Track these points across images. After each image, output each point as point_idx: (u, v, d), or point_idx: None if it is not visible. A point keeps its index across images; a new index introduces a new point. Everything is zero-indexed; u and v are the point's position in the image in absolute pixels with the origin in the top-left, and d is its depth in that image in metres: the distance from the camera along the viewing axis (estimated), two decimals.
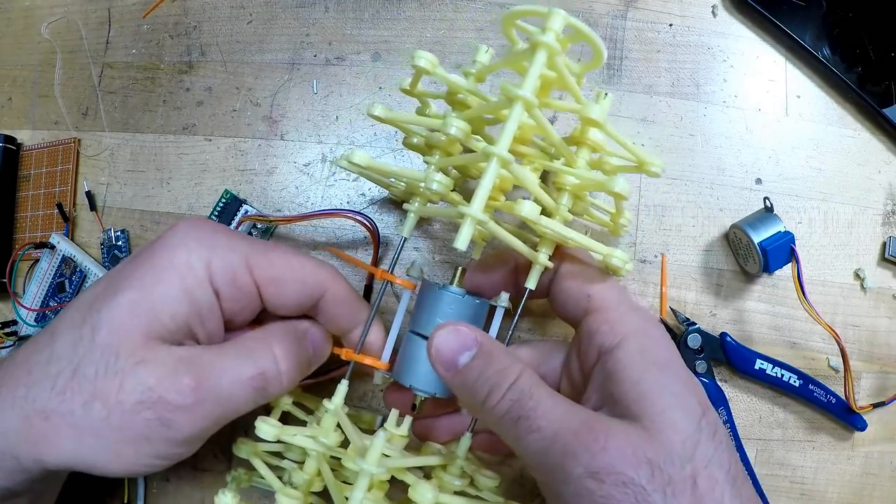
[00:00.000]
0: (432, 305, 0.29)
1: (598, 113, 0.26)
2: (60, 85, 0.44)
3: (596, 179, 0.27)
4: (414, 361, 0.29)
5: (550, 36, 0.23)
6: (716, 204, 0.39)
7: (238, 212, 0.39)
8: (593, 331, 0.26)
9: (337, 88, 0.41)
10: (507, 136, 0.22)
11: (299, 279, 0.29)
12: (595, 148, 0.30)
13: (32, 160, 0.43)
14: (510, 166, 0.23)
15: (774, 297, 0.39)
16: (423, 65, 0.27)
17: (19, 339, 0.40)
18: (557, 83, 0.27)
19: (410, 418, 0.30)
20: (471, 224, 0.22)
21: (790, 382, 0.37)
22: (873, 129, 0.41)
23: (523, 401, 0.23)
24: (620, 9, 0.41)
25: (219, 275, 0.27)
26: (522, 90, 0.22)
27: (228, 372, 0.26)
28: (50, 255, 0.41)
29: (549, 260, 0.28)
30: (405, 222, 0.31)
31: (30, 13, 0.46)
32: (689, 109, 0.40)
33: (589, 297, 0.27)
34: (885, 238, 0.40)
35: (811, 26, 0.41)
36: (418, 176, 0.28)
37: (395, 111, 0.30)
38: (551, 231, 0.26)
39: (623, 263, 0.27)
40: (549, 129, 0.26)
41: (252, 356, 0.27)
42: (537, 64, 0.23)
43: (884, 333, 0.40)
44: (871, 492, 0.39)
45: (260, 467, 0.30)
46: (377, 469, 0.25)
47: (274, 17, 0.42)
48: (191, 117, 0.42)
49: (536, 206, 0.25)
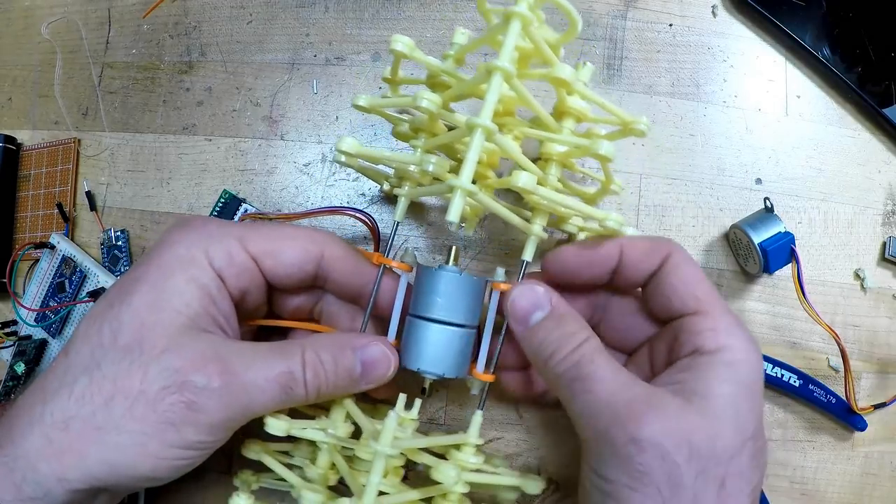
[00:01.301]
0: (431, 287, 0.29)
1: (567, 73, 0.26)
2: (60, 85, 0.44)
3: (580, 144, 0.27)
4: (419, 345, 0.29)
5: (523, 6, 0.23)
6: (716, 204, 0.39)
7: (237, 211, 0.39)
8: (697, 330, 0.26)
9: (337, 88, 0.41)
10: (489, 106, 0.23)
11: (294, 245, 0.29)
12: (579, 116, 0.30)
13: (32, 160, 0.43)
14: (494, 136, 0.23)
15: (774, 297, 0.39)
16: (400, 48, 0.27)
17: (19, 338, 0.40)
18: (535, 54, 0.27)
19: (420, 401, 0.30)
20: (461, 196, 0.23)
21: (790, 382, 0.37)
22: (873, 129, 0.41)
23: (583, 364, 0.25)
24: (620, 9, 0.41)
25: (217, 258, 0.27)
26: (500, 60, 0.23)
27: (256, 364, 0.26)
28: (50, 255, 0.41)
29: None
30: (397, 207, 0.31)
31: (30, 13, 0.46)
32: (689, 109, 0.40)
33: (697, 297, 0.27)
34: (885, 238, 0.40)
35: (811, 26, 0.41)
36: (412, 159, 0.28)
37: (378, 99, 0.30)
38: (546, 200, 0.27)
39: (619, 226, 0.28)
40: (529, 99, 0.26)
41: (283, 354, 0.27)
42: (512, 34, 0.23)
43: (884, 333, 0.40)
44: (871, 492, 0.39)
45: (274, 466, 0.30)
46: (391, 450, 0.25)
47: (274, 17, 0.42)
48: (191, 117, 0.42)
49: (532, 175, 0.25)
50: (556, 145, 0.29)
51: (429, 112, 0.26)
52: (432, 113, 0.26)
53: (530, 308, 0.27)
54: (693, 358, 0.26)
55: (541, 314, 0.27)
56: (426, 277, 0.30)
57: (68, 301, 0.39)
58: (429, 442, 0.28)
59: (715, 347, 0.25)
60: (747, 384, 0.25)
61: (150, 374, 0.24)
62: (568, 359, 0.25)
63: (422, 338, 0.29)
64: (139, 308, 0.26)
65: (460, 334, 0.29)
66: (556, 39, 0.29)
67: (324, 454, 0.29)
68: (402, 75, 0.33)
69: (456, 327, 0.29)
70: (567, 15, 0.26)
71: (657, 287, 0.28)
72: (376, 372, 0.29)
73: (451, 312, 0.29)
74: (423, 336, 0.29)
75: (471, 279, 0.29)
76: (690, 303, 0.27)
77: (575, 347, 0.25)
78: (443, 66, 0.29)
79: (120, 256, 0.40)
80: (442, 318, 0.29)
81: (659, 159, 0.40)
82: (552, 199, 0.27)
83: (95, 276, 0.39)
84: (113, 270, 0.40)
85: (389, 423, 0.25)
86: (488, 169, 0.31)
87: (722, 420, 0.23)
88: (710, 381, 0.24)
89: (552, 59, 0.27)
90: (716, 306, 0.27)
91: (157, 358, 0.24)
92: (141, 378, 0.24)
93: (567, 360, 0.25)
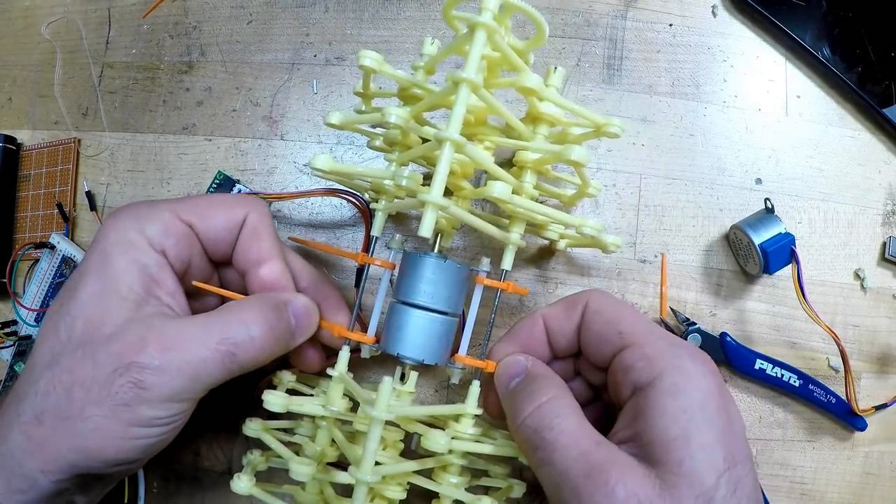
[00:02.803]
0: (415, 273, 0.29)
1: (534, 81, 0.27)
2: (60, 85, 0.44)
3: (552, 150, 0.27)
4: (400, 330, 0.29)
5: (487, 16, 0.23)
6: (716, 204, 0.39)
7: (231, 191, 0.40)
8: (628, 366, 0.25)
9: (337, 88, 0.41)
10: (457, 119, 0.23)
11: (221, 207, 0.30)
12: (552, 122, 0.30)
13: (32, 160, 0.43)
14: (464, 148, 0.23)
15: (774, 297, 0.39)
16: (368, 63, 0.28)
17: (19, 338, 0.40)
18: (504, 62, 0.27)
19: (416, 374, 0.30)
20: (433, 210, 0.23)
21: (790, 382, 0.37)
22: (873, 129, 0.41)
23: (542, 431, 0.24)
24: (620, 9, 0.41)
25: (153, 233, 0.28)
26: (465, 72, 0.23)
27: (195, 335, 0.27)
28: (50, 255, 0.41)
29: None
30: (374, 222, 0.31)
31: (30, 13, 0.46)
32: (689, 109, 0.40)
33: (620, 333, 0.26)
34: (885, 238, 0.40)
35: (811, 26, 0.41)
36: (384, 174, 0.28)
37: (350, 115, 0.31)
38: (523, 208, 0.27)
39: (596, 232, 0.28)
40: (498, 108, 0.26)
41: (221, 321, 0.28)
42: (477, 44, 0.23)
43: (884, 333, 0.40)
44: (871, 492, 0.39)
45: (270, 442, 0.30)
46: (387, 415, 0.25)
47: (274, 17, 0.42)
48: (191, 117, 0.42)
49: (507, 185, 0.25)
50: (530, 152, 0.29)
51: (398, 127, 0.26)
52: (402, 127, 0.27)
53: (512, 375, 0.28)
54: (635, 400, 0.24)
55: (518, 380, 0.28)
56: (411, 263, 0.30)
57: None
58: (425, 410, 0.28)
59: (650, 377, 0.24)
60: (700, 405, 0.23)
61: (99, 360, 0.26)
62: (527, 423, 0.25)
63: (404, 323, 0.29)
64: (86, 301, 0.27)
65: (441, 321, 0.29)
66: (524, 45, 0.29)
67: (323, 431, 0.30)
68: (376, 88, 0.33)
69: (438, 314, 0.29)
70: (534, 21, 0.26)
71: (584, 338, 0.28)
72: (306, 321, 0.30)
73: (434, 299, 0.29)
74: (405, 321, 0.29)
75: (455, 266, 0.30)
76: (615, 340, 0.26)
77: (537, 406, 0.25)
78: (411, 79, 0.29)
79: None
80: (425, 303, 0.29)
81: (659, 159, 0.40)
82: (528, 207, 0.27)
83: None
84: None
85: (384, 388, 0.26)
86: (462, 179, 0.31)
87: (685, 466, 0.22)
88: (660, 423, 0.23)
89: (520, 66, 0.27)
90: (643, 335, 0.26)
91: (104, 345, 0.26)
92: (92, 366, 0.26)
93: (526, 425, 0.25)
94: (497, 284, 0.30)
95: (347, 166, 0.30)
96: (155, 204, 0.30)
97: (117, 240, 0.28)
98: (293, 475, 0.27)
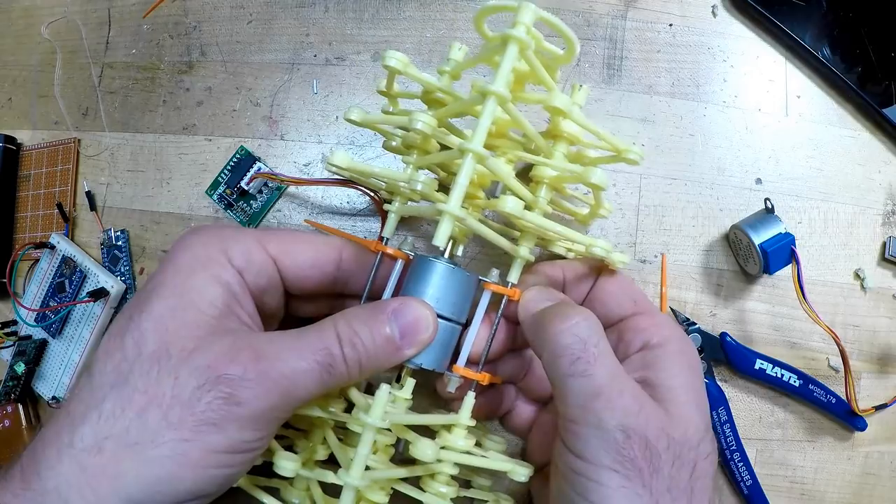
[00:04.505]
0: (424, 276, 0.29)
1: (562, 101, 0.26)
2: (60, 85, 0.44)
3: (573, 170, 0.27)
4: None
5: (521, 30, 0.23)
6: (716, 204, 0.39)
7: (251, 168, 0.40)
8: (643, 328, 0.29)
9: (337, 88, 0.41)
10: (482, 131, 0.23)
11: (309, 246, 0.29)
12: (572, 140, 0.30)
13: (32, 160, 0.43)
14: (486, 161, 0.23)
15: (774, 297, 0.39)
16: (393, 65, 0.27)
17: (19, 339, 0.40)
18: (531, 77, 0.27)
19: (413, 381, 0.29)
20: (449, 220, 0.22)
21: (790, 382, 0.37)
22: (873, 129, 0.41)
23: (589, 344, 0.25)
24: (620, 9, 0.41)
25: (237, 257, 0.27)
26: (495, 85, 0.23)
27: (291, 347, 0.25)
28: (50, 255, 0.41)
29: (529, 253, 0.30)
30: (387, 223, 0.31)
31: (30, 13, 0.46)
32: (688, 109, 0.40)
33: (635, 302, 0.30)
34: (885, 238, 0.40)
35: (811, 26, 0.41)
36: (401, 176, 0.28)
37: (371, 114, 0.30)
38: (534, 225, 0.27)
39: (606, 253, 0.28)
40: (523, 123, 0.26)
41: (319, 332, 0.26)
42: (508, 58, 0.23)
43: (884, 333, 0.40)
44: (871, 492, 0.39)
45: None
46: (380, 422, 0.25)
47: (274, 17, 0.42)
48: (191, 117, 0.42)
49: (519, 201, 0.25)
50: (548, 169, 0.29)
51: (422, 133, 0.26)
52: (426, 134, 0.26)
53: (546, 298, 0.29)
54: (644, 353, 0.28)
55: (552, 302, 0.29)
56: (421, 266, 0.30)
57: (68, 301, 0.39)
58: (418, 419, 0.28)
59: (661, 340, 0.28)
60: (695, 369, 0.28)
61: (181, 376, 0.23)
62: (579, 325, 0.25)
63: None
64: (161, 314, 0.24)
65: (444, 327, 0.29)
66: (553, 60, 0.28)
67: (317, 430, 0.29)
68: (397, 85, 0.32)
69: (442, 320, 0.29)
70: (564, 38, 0.25)
71: (599, 293, 0.31)
72: (417, 335, 0.27)
73: (440, 304, 0.29)
74: None
75: (464, 274, 0.29)
76: (628, 306, 0.30)
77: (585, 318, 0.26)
78: (438, 84, 0.28)
79: (120, 256, 0.40)
80: None
81: (659, 159, 0.40)
82: (539, 224, 0.27)
83: (95, 276, 0.39)
84: (113, 270, 0.40)
85: (381, 395, 0.25)
86: (478, 189, 0.31)
87: (689, 409, 0.26)
88: (669, 373, 0.27)
89: (549, 83, 0.27)
90: (651, 307, 0.31)
91: (187, 360, 0.23)
92: (172, 383, 0.23)
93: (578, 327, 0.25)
94: (504, 291, 0.30)
95: (364, 165, 0.29)
96: (241, 229, 0.29)
97: (198, 255, 0.26)
98: (277, 469, 0.27)
